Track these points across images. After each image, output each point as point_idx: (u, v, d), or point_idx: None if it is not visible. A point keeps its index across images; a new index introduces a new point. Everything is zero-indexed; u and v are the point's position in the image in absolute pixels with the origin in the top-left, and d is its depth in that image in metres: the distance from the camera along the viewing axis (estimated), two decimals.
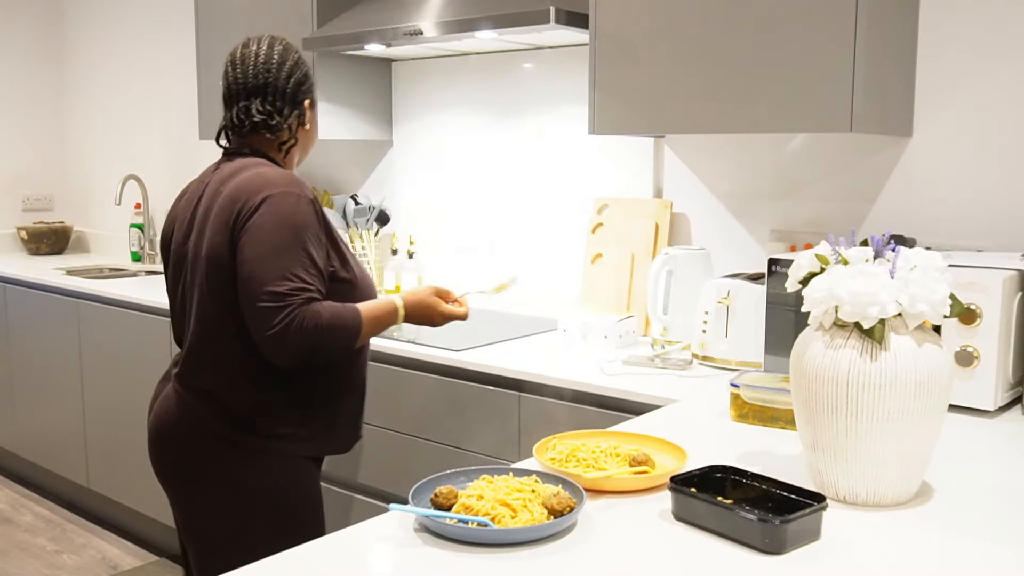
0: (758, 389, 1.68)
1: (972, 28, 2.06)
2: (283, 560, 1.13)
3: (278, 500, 1.76)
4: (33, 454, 3.91)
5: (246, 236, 1.65)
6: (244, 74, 1.80)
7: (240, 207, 1.68)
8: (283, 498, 1.77)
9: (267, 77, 1.80)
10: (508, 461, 2.17)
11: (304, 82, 1.85)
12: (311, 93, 1.88)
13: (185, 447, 1.76)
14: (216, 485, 1.75)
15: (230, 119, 1.83)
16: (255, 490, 1.75)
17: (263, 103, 1.80)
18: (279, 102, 1.81)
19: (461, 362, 2.28)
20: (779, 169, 2.38)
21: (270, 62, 1.81)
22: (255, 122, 1.79)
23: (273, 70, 1.80)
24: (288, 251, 1.64)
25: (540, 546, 1.15)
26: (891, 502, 1.29)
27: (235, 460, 1.74)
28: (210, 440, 1.74)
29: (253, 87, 1.80)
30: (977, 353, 1.71)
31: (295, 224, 1.66)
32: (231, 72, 1.82)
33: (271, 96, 1.80)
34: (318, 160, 3.54)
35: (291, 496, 1.78)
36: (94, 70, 4.60)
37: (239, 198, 1.69)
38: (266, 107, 1.80)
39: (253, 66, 1.80)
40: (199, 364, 1.75)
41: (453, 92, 3.06)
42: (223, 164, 1.82)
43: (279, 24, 3.06)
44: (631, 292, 2.55)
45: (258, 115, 1.79)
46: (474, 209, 3.05)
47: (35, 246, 4.51)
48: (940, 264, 1.29)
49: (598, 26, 2.23)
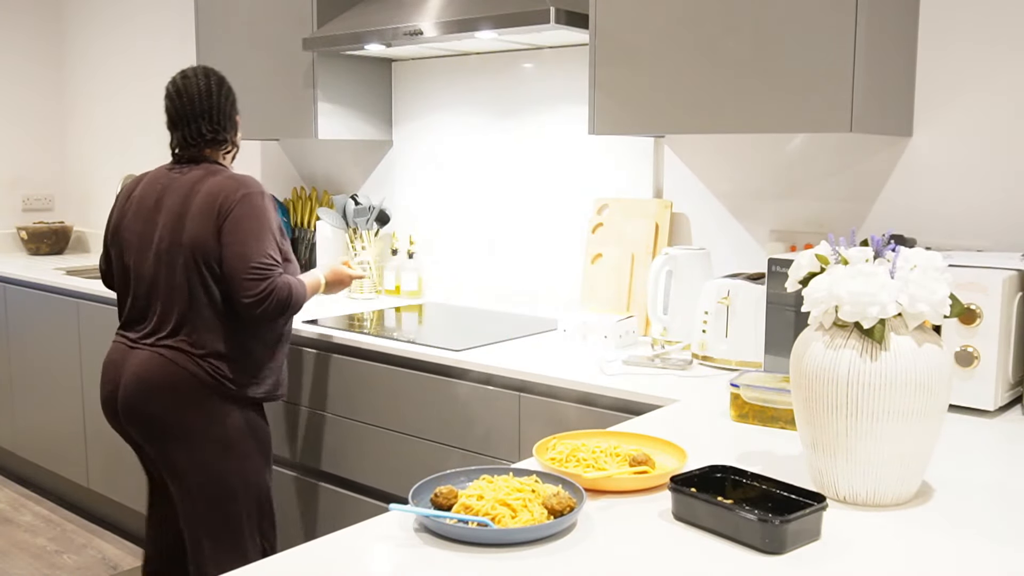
0: (758, 389, 1.68)
1: (972, 28, 2.06)
2: (283, 560, 1.14)
3: (248, 435, 2.23)
4: (33, 454, 3.91)
5: (230, 225, 2.12)
6: (190, 102, 2.23)
7: (222, 202, 2.13)
8: (253, 432, 2.24)
9: (210, 103, 2.24)
10: (508, 461, 2.17)
11: (235, 101, 2.31)
12: (238, 112, 2.34)
13: (176, 396, 2.15)
14: (202, 428, 2.17)
15: (182, 139, 2.26)
16: (231, 428, 2.20)
17: (210, 123, 2.24)
18: (223, 121, 2.27)
19: (461, 362, 2.28)
20: (779, 169, 2.38)
21: (210, 90, 2.24)
22: (207, 140, 2.25)
23: (213, 96, 2.25)
24: (264, 237, 2.14)
25: (540, 546, 1.15)
26: (891, 502, 1.29)
27: (216, 405, 2.18)
28: (196, 391, 2.15)
29: (200, 111, 2.24)
30: (977, 353, 1.71)
31: (267, 217, 2.17)
32: (176, 100, 2.25)
33: (216, 117, 2.25)
34: (318, 160, 3.55)
35: (258, 431, 2.27)
36: (94, 70, 4.60)
37: (219, 195, 2.14)
38: (213, 126, 2.25)
39: (197, 95, 2.23)
40: (191, 328, 2.16)
41: (453, 92, 3.06)
42: (183, 168, 2.25)
43: (279, 24, 3.06)
44: (631, 292, 2.56)
45: (208, 134, 2.25)
46: (474, 209, 3.05)
47: (35, 246, 4.51)
48: (940, 264, 1.29)
49: (598, 26, 2.23)
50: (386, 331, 2.61)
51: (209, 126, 2.24)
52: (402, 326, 2.71)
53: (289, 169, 3.67)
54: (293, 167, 3.66)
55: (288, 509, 2.77)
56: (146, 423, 2.20)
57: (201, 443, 2.18)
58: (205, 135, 2.24)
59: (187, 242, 2.14)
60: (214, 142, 2.26)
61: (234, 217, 2.12)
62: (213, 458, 2.20)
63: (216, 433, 2.18)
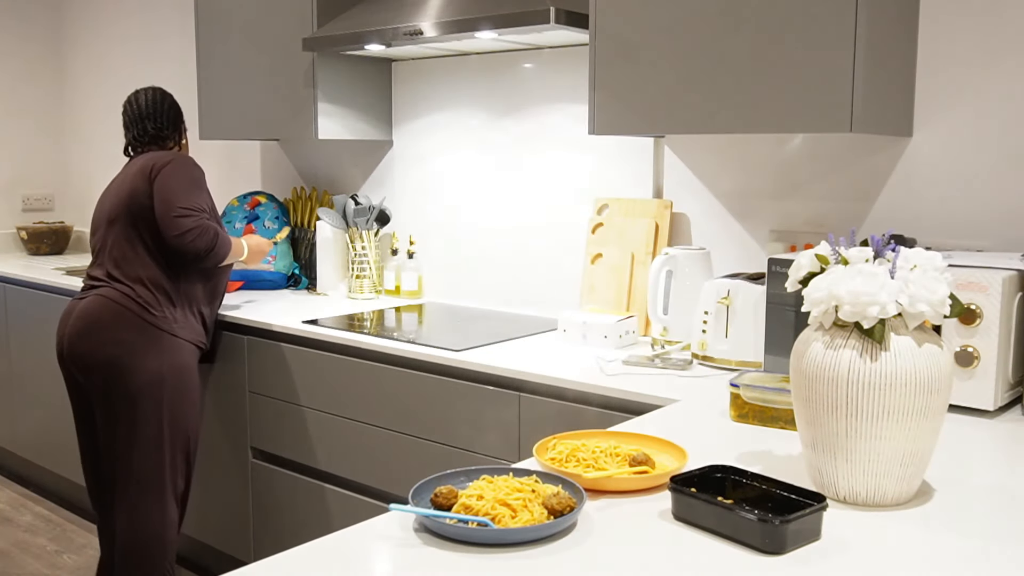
0: (758, 389, 1.68)
1: (972, 28, 2.06)
2: (283, 560, 1.13)
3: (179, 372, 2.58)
4: (33, 454, 3.91)
5: (160, 178, 2.53)
6: (142, 108, 2.76)
7: (154, 163, 2.57)
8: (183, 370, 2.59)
9: (154, 109, 2.76)
10: (508, 461, 2.17)
11: (179, 114, 2.82)
12: (183, 123, 2.84)
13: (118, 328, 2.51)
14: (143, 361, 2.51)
15: (132, 138, 2.77)
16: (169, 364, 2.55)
17: (155, 123, 2.76)
18: (165, 122, 2.77)
19: (461, 362, 2.28)
20: (779, 169, 2.38)
21: (156, 100, 2.77)
22: (151, 134, 2.75)
23: (158, 105, 2.77)
24: (195, 191, 2.57)
25: (540, 546, 1.15)
26: (891, 502, 1.29)
27: (152, 341, 2.53)
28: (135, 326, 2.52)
29: (146, 115, 2.75)
30: (977, 353, 1.71)
31: (199, 178, 2.62)
32: (131, 109, 2.78)
33: (160, 118, 2.76)
34: (318, 160, 3.55)
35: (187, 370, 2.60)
36: (94, 69, 4.60)
37: (152, 159, 2.60)
38: (158, 125, 2.76)
39: (146, 103, 2.76)
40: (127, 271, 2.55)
41: (453, 92, 3.06)
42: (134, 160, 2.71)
43: (279, 24, 3.06)
44: (631, 292, 2.56)
45: (152, 130, 2.75)
46: (474, 209, 3.05)
47: (35, 246, 4.51)
48: (940, 264, 1.29)
49: (598, 26, 2.23)
50: (386, 331, 2.61)
51: (153, 124, 2.74)
52: (402, 326, 2.71)
53: (289, 169, 3.67)
54: (293, 167, 3.66)
55: (288, 509, 2.77)
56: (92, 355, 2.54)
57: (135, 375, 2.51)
58: (149, 131, 2.74)
59: (127, 195, 2.57)
60: (158, 138, 2.75)
61: (164, 173, 2.54)
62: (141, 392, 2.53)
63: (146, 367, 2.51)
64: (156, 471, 2.54)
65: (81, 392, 2.65)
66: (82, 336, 2.53)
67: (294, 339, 2.69)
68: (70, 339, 2.56)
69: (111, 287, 2.55)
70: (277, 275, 3.36)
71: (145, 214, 2.54)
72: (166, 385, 2.53)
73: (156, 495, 2.55)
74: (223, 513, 2.98)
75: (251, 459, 2.88)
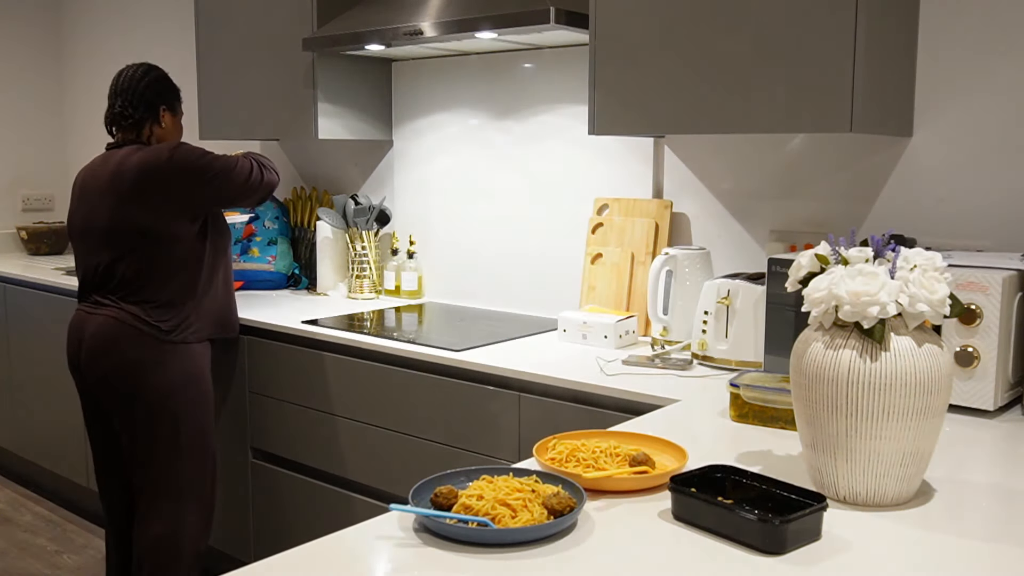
0: (758, 389, 1.68)
1: (972, 27, 2.06)
2: (283, 560, 1.13)
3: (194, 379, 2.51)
4: (33, 454, 3.91)
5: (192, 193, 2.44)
6: (119, 83, 2.54)
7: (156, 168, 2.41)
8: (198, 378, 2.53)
9: (129, 84, 2.53)
10: (508, 461, 2.17)
11: (161, 92, 2.57)
12: (169, 102, 2.60)
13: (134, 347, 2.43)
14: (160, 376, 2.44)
15: (108, 111, 2.56)
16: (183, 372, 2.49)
17: (123, 101, 2.53)
18: (135, 101, 2.52)
19: (461, 362, 2.28)
20: (779, 169, 2.38)
21: (133, 78, 2.54)
22: (115, 114, 2.54)
23: (135, 82, 2.54)
24: (208, 158, 2.45)
25: (540, 546, 1.15)
26: (891, 502, 1.29)
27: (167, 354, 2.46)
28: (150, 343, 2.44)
29: (120, 90, 2.54)
30: (977, 353, 1.71)
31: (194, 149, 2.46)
32: (113, 84, 2.56)
33: (130, 97, 2.52)
34: (318, 160, 3.55)
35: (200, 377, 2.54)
36: (94, 70, 4.60)
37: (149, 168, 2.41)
38: (124, 103, 2.52)
39: (125, 79, 2.55)
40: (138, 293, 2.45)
41: (453, 92, 3.06)
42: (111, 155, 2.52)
43: (279, 24, 3.06)
44: (631, 292, 2.56)
45: (119, 108, 2.53)
46: (474, 209, 3.05)
47: (35, 246, 4.51)
48: (940, 264, 1.29)
49: (598, 26, 2.23)
50: (386, 331, 2.61)
51: (120, 103, 2.53)
52: (402, 326, 2.71)
53: (289, 169, 3.67)
54: (293, 167, 3.66)
55: (288, 509, 2.77)
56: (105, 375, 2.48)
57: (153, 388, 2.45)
58: (116, 109, 2.54)
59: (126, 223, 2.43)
60: (123, 116, 2.53)
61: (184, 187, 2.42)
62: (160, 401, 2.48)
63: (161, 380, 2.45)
64: (183, 478, 2.50)
65: (95, 402, 2.59)
66: (99, 356, 2.46)
67: (294, 339, 2.69)
68: (88, 357, 2.48)
69: (121, 309, 2.45)
70: (277, 275, 3.36)
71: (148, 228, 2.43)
72: (183, 394, 2.48)
73: (189, 503, 2.52)
74: (223, 513, 2.98)
75: (251, 459, 2.88)
